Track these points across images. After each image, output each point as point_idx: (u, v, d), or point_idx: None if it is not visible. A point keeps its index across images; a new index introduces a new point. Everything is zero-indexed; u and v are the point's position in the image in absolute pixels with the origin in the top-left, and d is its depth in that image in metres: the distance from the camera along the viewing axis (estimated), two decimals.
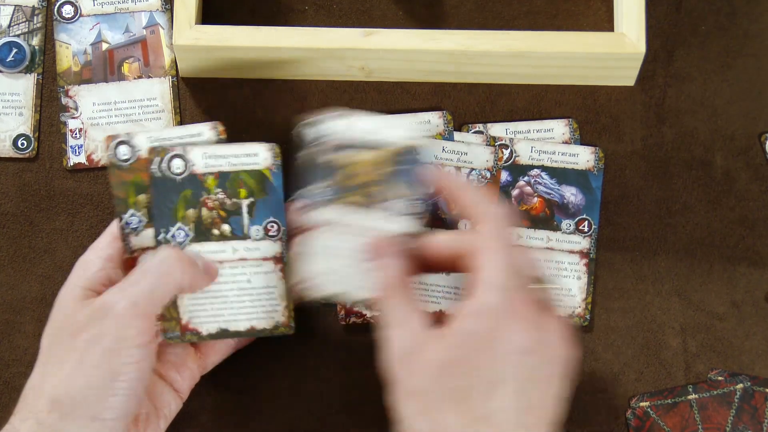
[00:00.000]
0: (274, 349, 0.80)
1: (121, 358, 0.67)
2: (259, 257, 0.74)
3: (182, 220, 0.74)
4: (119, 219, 0.74)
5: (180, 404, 0.74)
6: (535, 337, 0.65)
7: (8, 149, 0.83)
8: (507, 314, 0.64)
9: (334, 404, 0.80)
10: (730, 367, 0.80)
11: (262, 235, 0.74)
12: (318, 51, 0.81)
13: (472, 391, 0.63)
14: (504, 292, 0.65)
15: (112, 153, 0.74)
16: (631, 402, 0.80)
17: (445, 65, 0.82)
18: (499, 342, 0.64)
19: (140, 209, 0.74)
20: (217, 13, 0.85)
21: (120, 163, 0.74)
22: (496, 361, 0.64)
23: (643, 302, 0.81)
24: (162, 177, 0.73)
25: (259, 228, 0.74)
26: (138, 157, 0.74)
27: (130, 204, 0.74)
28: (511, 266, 0.66)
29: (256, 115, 0.84)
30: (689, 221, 0.83)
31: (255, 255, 0.74)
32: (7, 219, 0.82)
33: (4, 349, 0.80)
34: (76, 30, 0.85)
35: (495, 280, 0.65)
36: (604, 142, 0.84)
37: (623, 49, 0.81)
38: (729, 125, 0.84)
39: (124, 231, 0.74)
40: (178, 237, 0.74)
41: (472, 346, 0.64)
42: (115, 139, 0.74)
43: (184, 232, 0.74)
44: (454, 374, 0.64)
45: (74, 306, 0.70)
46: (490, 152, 0.81)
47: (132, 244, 0.74)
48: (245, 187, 0.74)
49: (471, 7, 0.86)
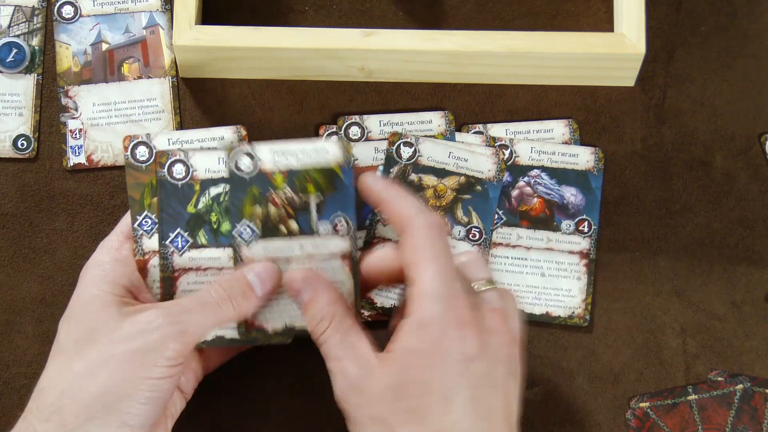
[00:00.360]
0: (273, 349, 0.80)
1: (157, 371, 0.67)
2: (326, 254, 0.74)
3: (249, 218, 0.73)
4: (133, 220, 0.74)
5: (184, 404, 0.74)
6: (478, 342, 0.64)
7: (8, 149, 0.83)
8: (446, 324, 0.64)
9: (333, 404, 0.80)
10: (730, 367, 0.80)
11: (330, 231, 0.74)
12: (318, 51, 0.81)
13: (427, 408, 0.63)
14: (439, 303, 0.64)
15: (129, 154, 0.74)
16: (631, 402, 0.80)
17: (445, 65, 0.82)
18: (443, 354, 0.64)
19: (154, 211, 0.74)
20: (217, 13, 0.85)
21: (137, 164, 0.74)
22: (444, 374, 0.63)
23: (643, 302, 0.81)
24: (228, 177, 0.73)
25: (327, 224, 0.74)
26: (156, 158, 0.74)
27: (145, 206, 0.74)
28: (442, 275, 0.65)
29: (256, 115, 0.84)
30: (689, 221, 0.83)
31: (323, 251, 0.74)
32: (7, 219, 0.82)
33: (4, 350, 0.80)
34: (76, 30, 0.85)
35: (429, 291, 0.64)
36: (604, 142, 0.84)
37: (623, 50, 0.81)
38: (729, 125, 0.84)
39: (136, 233, 0.74)
40: (245, 234, 0.74)
41: (418, 363, 0.64)
42: (134, 140, 0.74)
43: (251, 229, 0.74)
44: (407, 395, 0.63)
45: (111, 312, 0.69)
46: (492, 162, 0.81)
47: (144, 246, 0.74)
48: (314, 184, 0.74)
49: (471, 8, 0.86)
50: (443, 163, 0.81)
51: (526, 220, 0.81)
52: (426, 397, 0.63)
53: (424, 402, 0.63)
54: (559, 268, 0.81)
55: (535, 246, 0.81)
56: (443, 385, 0.63)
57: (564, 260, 0.81)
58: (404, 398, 0.63)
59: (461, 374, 0.64)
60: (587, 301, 0.81)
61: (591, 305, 0.81)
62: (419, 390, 0.63)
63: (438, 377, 0.63)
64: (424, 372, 0.63)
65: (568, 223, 0.81)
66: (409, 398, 0.63)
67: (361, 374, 0.65)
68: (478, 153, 0.81)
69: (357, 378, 0.65)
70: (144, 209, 0.74)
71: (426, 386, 0.63)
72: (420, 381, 0.63)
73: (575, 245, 0.81)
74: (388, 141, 0.82)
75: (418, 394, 0.63)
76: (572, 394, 0.80)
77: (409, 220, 0.67)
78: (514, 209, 0.81)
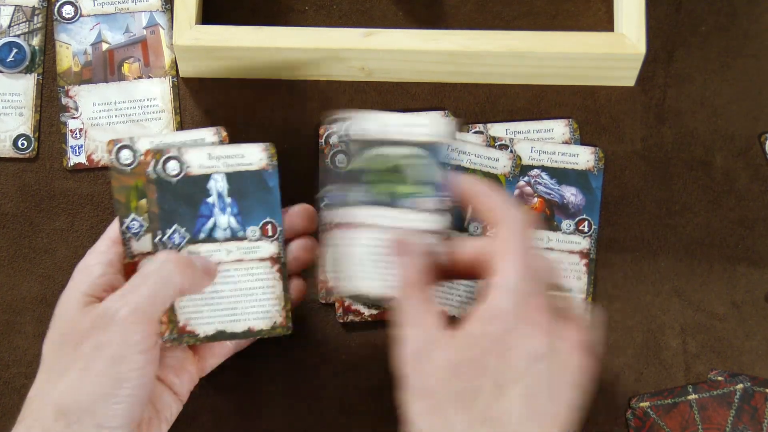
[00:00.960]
0: (273, 349, 0.80)
1: (125, 364, 0.67)
2: (256, 258, 0.74)
3: (135, 211, 0.74)
4: (120, 223, 0.74)
5: (180, 407, 0.74)
6: (546, 343, 0.64)
7: (8, 149, 0.83)
8: (519, 319, 0.64)
9: (333, 404, 0.80)
10: (730, 367, 0.80)
11: (258, 235, 0.74)
12: (318, 51, 0.81)
13: (480, 392, 0.63)
14: (518, 297, 0.64)
15: (113, 157, 0.74)
16: (631, 402, 0.80)
17: (445, 65, 0.82)
18: (509, 346, 0.64)
19: (141, 214, 0.74)
20: (217, 13, 0.85)
21: (122, 168, 0.74)
22: (505, 364, 0.64)
23: (643, 302, 0.81)
24: (158, 179, 0.73)
25: (255, 228, 0.74)
26: (140, 161, 0.74)
27: (132, 208, 0.74)
28: (526, 270, 0.65)
29: (256, 115, 0.84)
30: (689, 221, 0.83)
31: (252, 256, 0.74)
32: (7, 219, 0.82)
33: (4, 350, 0.80)
34: (77, 30, 0.85)
35: (509, 283, 0.65)
36: (604, 142, 0.84)
37: (623, 50, 0.81)
38: (729, 125, 0.84)
39: (125, 236, 0.74)
40: (175, 239, 0.74)
41: (482, 348, 0.64)
42: (117, 143, 0.74)
43: (180, 235, 0.74)
44: (463, 376, 0.64)
45: (76, 313, 0.70)
46: (507, 158, 0.81)
47: (133, 248, 0.74)
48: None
49: (471, 8, 0.86)
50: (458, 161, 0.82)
51: None
52: (481, 381, 0.63)
53: (478, 385, 0.63)
54: (559, 268, 0.81)
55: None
56: (501, 375, 0.63)
57: (564, 260, 0.81)
58: (459, 378, 0.64)
59: (521, 369, 0.64)
60: (587, 300, 0.81)
61: (591, 305, 0.81)
62: (476, 373, 0.64)
63: (498, 365, 0.63)
64: (485, 357, 0.64)
65: (568, 223, 0.81)
66: (463, 378, 0.64)
67: (426, 345, 0.65)
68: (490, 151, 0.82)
69: (422, 347, 0.65)
70: (131, 212, 0.74)
71: (483, 371, 0.63)
72: (479, 365, 0.64)
73: (575, 245, 0.81)
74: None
75: (474, 376, 0.63)
76: None
77: (502, 212, 0.67)
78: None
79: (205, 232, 0.74)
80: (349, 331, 0.81)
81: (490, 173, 0.81)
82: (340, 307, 0.80)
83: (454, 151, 0.81)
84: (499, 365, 0.64)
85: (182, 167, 0.74)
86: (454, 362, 0.64)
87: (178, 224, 0.74)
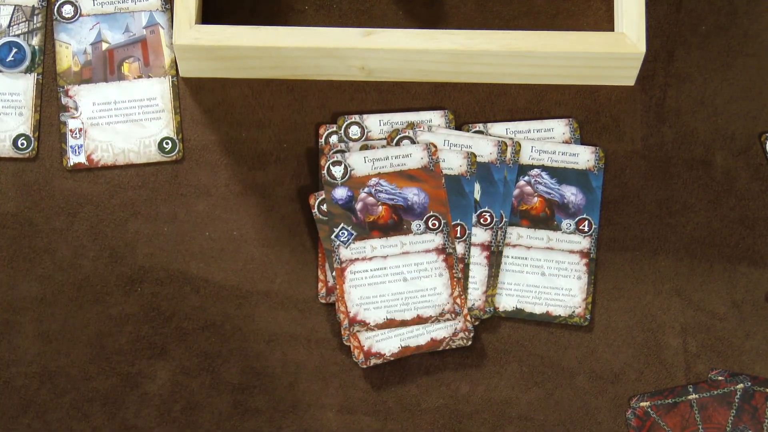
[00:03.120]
0: (274, 349, 0.80)
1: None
2: (421, 250, 0.78)
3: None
4: (330, 232, 0.78)
5: None
6: None
7: (8, 149, 0.83)
8: None
9: (333, 404, 0.80)
10: (731, 367, 0.80)
11: (423, 229, 0.78)
12: (318, 51, 0.81)
13: None
14: None
15: (326, 173, 0.79)
16: (632, 402, 0.80)
17: (446, 65, 0.82)
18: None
19: (350, 224, 0.78)
20: (217, 13, 0.85)
21: (333, 182, 0.79)
22: None
23: (643, 302, 0.81)
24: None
25: (420, 223, 0.78)
26: (352, 175, 0.79)
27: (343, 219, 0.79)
28: None
29: (256, 115, 0.84)
30: (689, 221, 0.83)
31: (417, 248, 0.78)
32: (7, 219, 0.82)
33: (4, 350, 0.80)
34: (76, 30, 0.85)
35: None
36: (605, 141, 0.84)
37: (623, 49, 0.81)
38: (729, 125, 0.84)
39: (334, 244, 0.78)
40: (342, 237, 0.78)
41: None
42: (331, 159, 0.79)
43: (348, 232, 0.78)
44: None
45: None
46: (493, 144, 0.81)
47: (342, 255, 0.78)
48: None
49: (471, 7, 0.86)
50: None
51: (527, 220, 0.81)
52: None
53: None
54: (559, 268, 0.81)
55: (536, 245, 0.81)
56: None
57: (564, 259, 0.81)
58: None
59: None
60: (587, 300, 0.81)
61: (591, 304, 0.81)
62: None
63: None
64: None
65: (569, 223, 0.81)
66: None
67: None
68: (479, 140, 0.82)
69: None
70: (341, 221, 0.79)
71: None
72: None
73: (575, 245, 0.81)
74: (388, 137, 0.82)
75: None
76: (573, 394, 0.80)
77: None
78: (515, 208, 0.81)
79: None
80: (370, 371, 0.81)
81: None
82: (360, 354, 0.79)
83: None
84: None
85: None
86: None
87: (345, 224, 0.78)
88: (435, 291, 0.79)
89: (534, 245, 0.81)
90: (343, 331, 0.78)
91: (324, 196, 0.79)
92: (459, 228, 0.80)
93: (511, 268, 0.81)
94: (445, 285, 0.79)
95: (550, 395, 0.80)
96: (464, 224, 0.79)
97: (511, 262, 0.81)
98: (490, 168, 0.81)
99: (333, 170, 0.80)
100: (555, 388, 0.80)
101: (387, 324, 0.78)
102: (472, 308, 0.79)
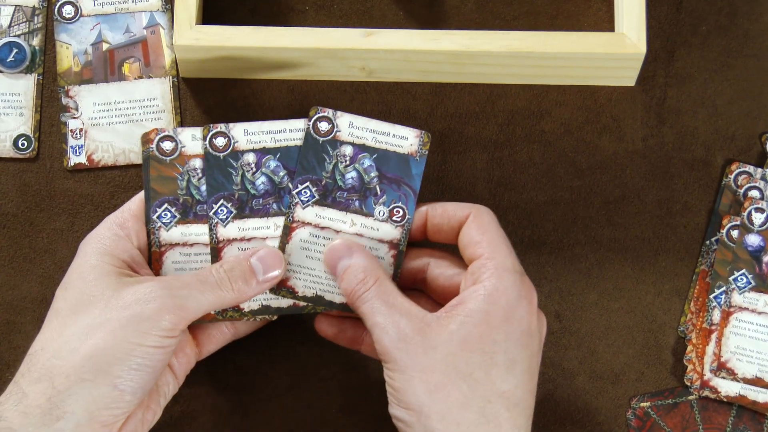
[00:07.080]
0: (274, 349, 0.80)
1: (151, 339, 0.68)
2: (375, 238, 0.75)
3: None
4: (152, 211, 0.75)
5: (177, 387, 0.74)
6: (538, 323, 0.69)
7: (8, 149, 0.83)
8: (520, 297, 0.68)
9: (333, 404, 0.80)
10: None
11: (386, 216, 0.75)
12: (318, 51, 0.81)
13: (492, 367, 0.67)
14: (516, 277, 0.69)
15: (154, 146, 0.75)
16: (632, 402, 0.80)
17: (446, 65, 0.82)
18: (513, 321, 0.68)
19: (174, 206, 0.75)
20: (217, 13, 0.85)
21: (161, 158, 0.75)
22: (511, 338, 0.68)
23: (643, 302, 0.81)
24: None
25: (384, 210, 0.75)
26: (181, 153, 0.75)
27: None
28: (513, 255, 0.70)
29: (256, 115, 0.84)
30: (689, 221, 0.83)
31: (372, 235, 0.75)
32: (8, 219, 0.82)
33: (4, 349, 0.80)
34: (77, 30, 0.85)
35: (507, 265, 0.69)
36: (605, 142, 0.84)
37: (624, 49, 0.81)
38: (730, 125, 0.84)
39: (154, 225, 0.75)
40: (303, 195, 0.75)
41: (488, 323, 0.67)
42: (160, 133, 0.75)
43: (310, 192, 0.75)
44: (473, 350, 0.67)
45: (109, 281, 0.70)
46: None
47: (161, 238, 0.75)
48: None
49: (471, 7, 0.86)
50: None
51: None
52: (490, 356, 0.67)
53: (487, 361, 0.67)
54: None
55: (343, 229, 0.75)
56: (509, 349, 0.67)
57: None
58: (470, 352, 0.67)
59: (524, 345, 0.68)
60: None
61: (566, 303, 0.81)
62: (485, 348, 0.67)
63: (504, 340, 0.67)
64: (492, 333, 0.67)
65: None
66: (474, 353, 0.67)
67: (415, 328, 0.68)
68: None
69: (411, 331, 0.68)
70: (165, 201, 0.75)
71: (491, 346, 0.67)
72: (487, 340, 0.67)
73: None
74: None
75: (483, 352, 0.67)
76: (573, 394, 0.80)
77: (470, 209, 0.72)
78: (765, 275, 0.79)
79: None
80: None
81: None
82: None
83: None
84: (506, 340, 0.67)
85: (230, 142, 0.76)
86: (461, 339, 0.67)
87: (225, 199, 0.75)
88: None
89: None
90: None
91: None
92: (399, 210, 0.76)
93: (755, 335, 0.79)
94: None
95: (550, 395, 0.80)
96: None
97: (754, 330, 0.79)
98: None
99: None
100: (555, 388, 0.80)
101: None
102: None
